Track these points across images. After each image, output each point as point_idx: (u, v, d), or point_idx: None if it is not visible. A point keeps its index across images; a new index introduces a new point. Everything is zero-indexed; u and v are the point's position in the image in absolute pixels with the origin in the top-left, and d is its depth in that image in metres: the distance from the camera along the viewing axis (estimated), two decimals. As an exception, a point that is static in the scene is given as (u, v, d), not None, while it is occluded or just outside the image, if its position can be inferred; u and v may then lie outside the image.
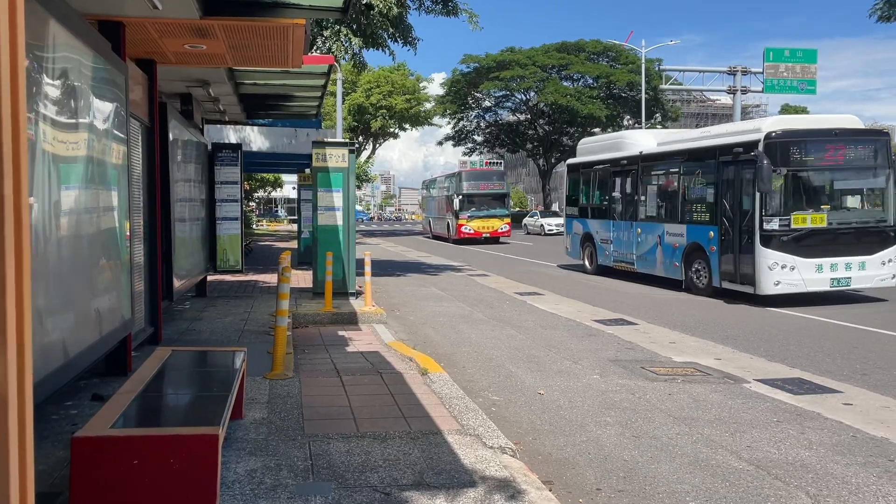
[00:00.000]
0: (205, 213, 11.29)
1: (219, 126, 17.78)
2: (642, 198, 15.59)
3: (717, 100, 67.81)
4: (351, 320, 9.80)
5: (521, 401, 6.40)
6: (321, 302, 10.50)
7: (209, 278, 12.41)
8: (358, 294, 11.62)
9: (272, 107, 12.70)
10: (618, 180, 16.58)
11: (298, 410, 5.34)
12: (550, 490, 4.24)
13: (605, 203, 17.18)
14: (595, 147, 18.33)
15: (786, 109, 70.27)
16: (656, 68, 41.92)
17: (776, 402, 6.24)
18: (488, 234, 31.16)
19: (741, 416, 5.86)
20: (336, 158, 11.34)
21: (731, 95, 32.00)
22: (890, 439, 5.23)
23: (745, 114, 41.76)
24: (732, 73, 31.78)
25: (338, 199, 11.24)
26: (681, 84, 36.99)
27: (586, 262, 17.83)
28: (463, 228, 31.15)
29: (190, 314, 10.03)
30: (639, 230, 15.46)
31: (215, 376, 4.79)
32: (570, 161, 19.50)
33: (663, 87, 37.75)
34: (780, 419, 5.75)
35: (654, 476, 4.57)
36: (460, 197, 31.29)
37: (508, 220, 31.99)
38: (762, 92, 31.66)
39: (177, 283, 8.77)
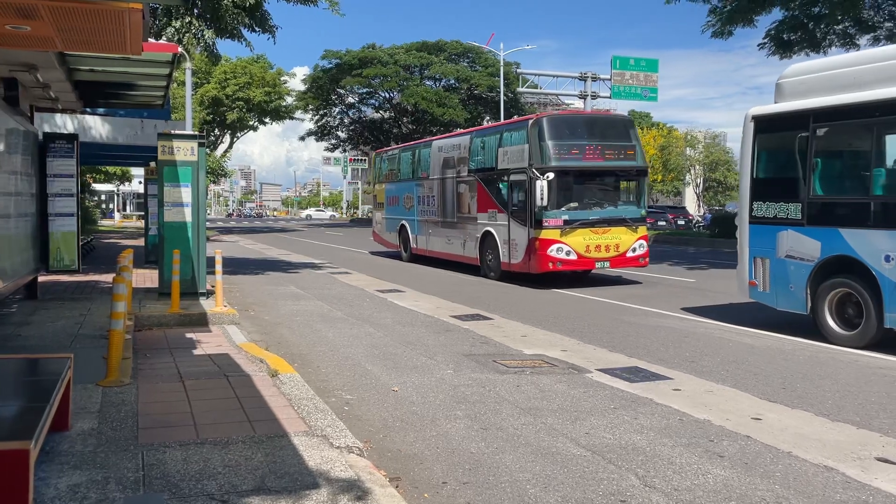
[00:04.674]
0: (34, 208, 10.37)
1: (55, 114, 16.43)
2: None
3: (572, 104, 71.21)
4: (200, 322, 9.37)
5: (375, 398, 6.39)
6: (168, 303, 9.96)
7: (41, 279, 11.43)
8: (209, 294, 11.13)
9: (113, 95, 11.86)
10: None
11: (133, 419, 5.02)
12: (397, 487, 4.26)
13: None
14: (862, 74, 8.50)
15: (632, 115, 74.93)
16: (514, 71, 43.35)
17: (614, 390, 6.62)
18: (607, 263, 14.50)
19: (582, 404, 6.16)
20: (184, 151, 10.78)
21: (583, 100, 33.70)
22: (712, 421, 5.68)
23: (596, 118, 44.02)
24: (583, 78, 33.44)
25: (186, 194, 10.70)
26: (537, 87, 38.47)
27: (831, 323, 8.71)
28: (551, 250, 13.94)
29: (17, 318, 9.19)
30: None
31: (35, 386, 4.40)
32: (763, 110, 9.75)
33: (520, 89, 39.08)
34: (616, 406, 6.09)
35: (498, 466, 4.70)
36: (546, 179, 13.77)
37: (645, 228, 15.08)
38: (610, 98, 33.57)
39: (-1, 285, 7.98)
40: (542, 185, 13.68)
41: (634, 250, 14.65)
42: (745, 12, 22.31)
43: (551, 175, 13.86)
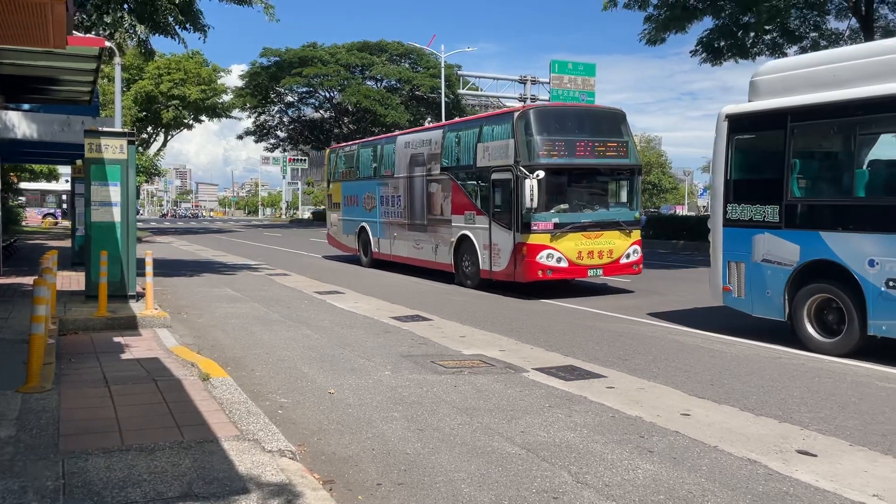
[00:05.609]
0: (-49, 207, 9.90)
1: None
2: None
3: (512, 107, 71.88)
4: (129, 325, 9.08)
5: (311, 401, 6.30)
6: (95, 306, 9.61)
7: (-42, 282, 10.90)
8: (139, 296, 10.80)
9: (36, 90, 11.39)
10: None
11: (54, 426, 4.82)
12: (330, 489, 4.21)
13: None
14: (843, 71, 8.21)
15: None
16: (455, 73, 43.59)
17: (550, 389, 6.70)
18: (600, 271, 13.43)
19: (518, 403, 6.21)
20: (113, 149, 10.44)
21: (522, 103, 34.11)
22: (643, 417, 5.81)
23: (536, 120, 44.58)
24: (523, 81, 33.88)
25: (115, 193, 10.36)
26: (478, 89, 38.74)
27: (811, 330, 8.46)
28: (540, 257, 12.80)
29: (-70, 323, 8.73)
30: None
31: (-55, 393, 4.17)
32: (737, 109, 9.39)
33: (461, 91, 39.33)
34: (551, 404, 6.17)
35: (433, 467, 4.70)
36: (536, 178, 12.49)
37: (639, 233, 13.88)
38: (549, 101, 34.01)
39: (-90, 288, 7.56)
40: (531, 185, 12.31)
41: (628, 256, 13.51)
42: (678, 20, 22.98)
43: (541, 173, 12.48)
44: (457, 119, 18.18)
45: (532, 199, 12.38)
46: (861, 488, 4.35)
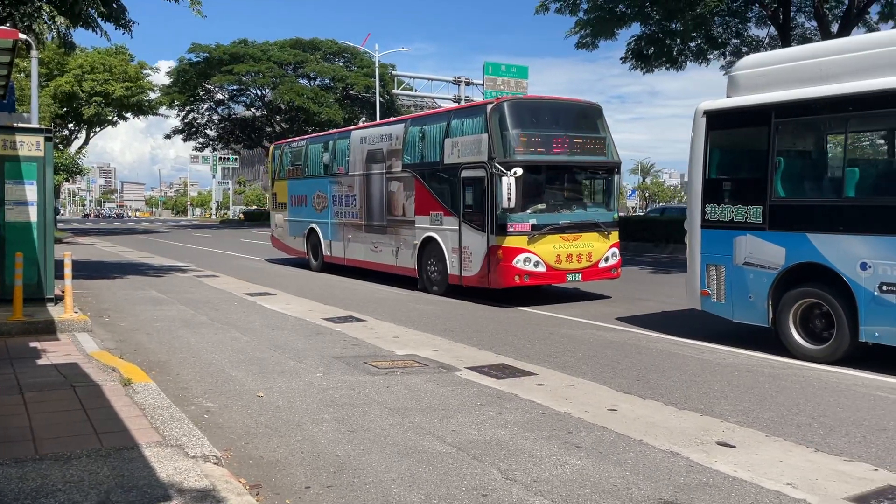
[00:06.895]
0: None
1: None
2: None
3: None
4: (46, 329, 8.69)
5: (238, 405, 6.17)
6: (9, 310, 9.16)
7: None
8: (58, 300, 10.35)
9: (-56, 83, 10.77)
10: None
11: (-39, 437, 4.58)
12: (257, 494, 4.14)
13: None
14: (830, 66, 7.90)
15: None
16: (390, 73, 43.47)
17: (481, 387, 6.75)
18: (579, 275, 12.51)
19: (450, 402, 6.23)
20: (29, 146, 9.98)
21: (456, 104, 34.30)
22: (571, 413, 5.91)
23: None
24: (457, 83, 34.13)
25: (31, 192, 9.90)
26: (412, 89, 38.78)
27: (797, 337, 8.15)
28: (517, 261, 11.91)
29: None
30: None
31: None
32: (716, 105, 8.97)
33: (395, 91, 39.27)
34: (483, 403, 6.22)
35: (363, 468, 4.66)
36: (513, 175, 11.60)
37: (617, 234, 13.04)
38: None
39: None
40: (508, 183, 11.41)
41: (607, 260, 12.66)
42: (607, 23, 23.52)
43: (519, 171, 11.59)
44: (421, 112, 17.54)
45: (509, 199, 11.50)
46: (776, 477, 4.54)
